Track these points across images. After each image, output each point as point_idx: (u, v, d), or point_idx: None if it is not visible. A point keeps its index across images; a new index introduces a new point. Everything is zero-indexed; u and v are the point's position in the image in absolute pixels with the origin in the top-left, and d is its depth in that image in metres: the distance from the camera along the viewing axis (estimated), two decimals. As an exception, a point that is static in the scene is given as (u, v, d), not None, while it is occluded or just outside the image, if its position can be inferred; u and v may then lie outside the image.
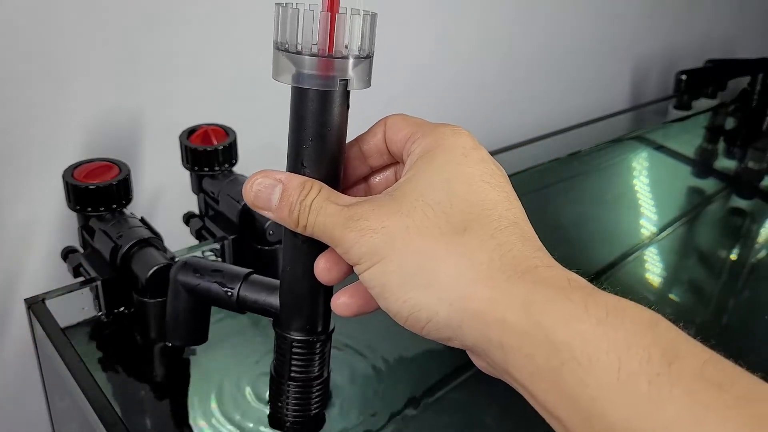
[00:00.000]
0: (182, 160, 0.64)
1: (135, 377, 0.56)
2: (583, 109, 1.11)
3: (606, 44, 1.12)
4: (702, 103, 1.17)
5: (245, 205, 0.62)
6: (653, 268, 0.78)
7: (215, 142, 0.63)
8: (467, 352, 0.32)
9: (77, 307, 0.58)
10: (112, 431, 0.47)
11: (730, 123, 1.16)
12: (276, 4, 0.32)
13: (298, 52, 0.32)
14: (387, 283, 0.31)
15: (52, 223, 0.68)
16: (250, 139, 0.69)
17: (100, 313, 0.59)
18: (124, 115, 0.69)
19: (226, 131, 0.64)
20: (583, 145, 1.02)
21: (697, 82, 1.14)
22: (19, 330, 0.69)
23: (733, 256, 0.82)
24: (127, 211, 0.59)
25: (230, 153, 0.63)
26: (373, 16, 0.33)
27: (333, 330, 0.41)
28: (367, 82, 0.34)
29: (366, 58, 0.33)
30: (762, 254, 0.83)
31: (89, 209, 0.57)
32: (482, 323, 0.29)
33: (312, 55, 0.32)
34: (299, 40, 0.32)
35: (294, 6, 0.32)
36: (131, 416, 0.51)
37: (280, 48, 0.32)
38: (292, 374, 0.40)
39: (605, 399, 0.25)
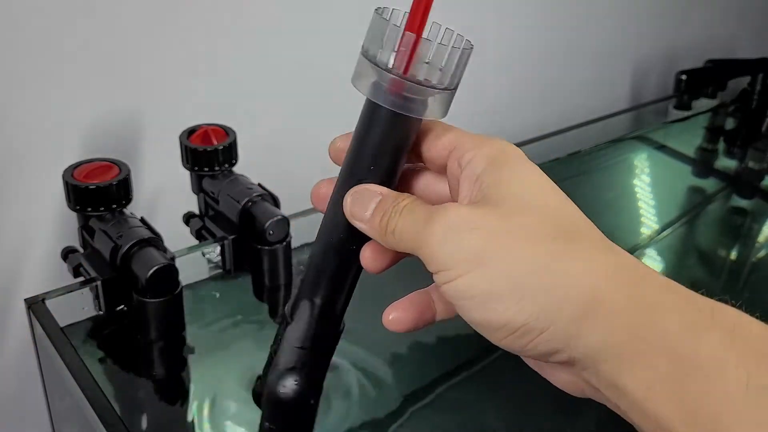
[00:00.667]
0: (182, 160, 0.64)
1: (135, 377, 0.56)
2: (583, 109, 1.11)
3: (606, 44, 1.12)
4: (702, 103, 1.17)
5: (245, 205, 0.62)
6: (653, 268, 0.78)
7: (215, 142, 0.63)
8: (542, 370, 0.31)
9: (77, 307, 0.58)
10: (112, 431, 0.47)
11: (730, 123, 1.16)
12: (375, 9, 0.31)
13: (377, 64, 0.30)
14: (493, 291, 0.27)
15: (52, 223, 0.68)
16: (250, 139, 0.69)
17: (100, 313, 0.59)
18: (124, 115, 0.69)
19: (226, 131, 0.64)
20: (583, 145, 1.02)
21: (697, 82, 1.14)
22: (19, 330, 0.69)
23: (733, 256, 0.82)
24: (127, 211, 0.59)
25: (230, 153, 0.63)
26: (467, 49, 0.31)
27: (344, 329, 0.39)
28: (443, 113, 0.32)
29: (447, 91, 0.31)
30: (762, 254, 0.83)
31: (89, 209, 0.57)
32: (608, 327, 0.27)
33: (389, 71, 0.30)
34: (381, 52, 0.30)
35: (386, 16, 0.30)
36: (131, 416, 0.51)
37: (364, 53, 0.31)
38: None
39: (731, 413, 0.24)
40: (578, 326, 0.27)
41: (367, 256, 0.34)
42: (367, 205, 0.32)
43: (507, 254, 0.28)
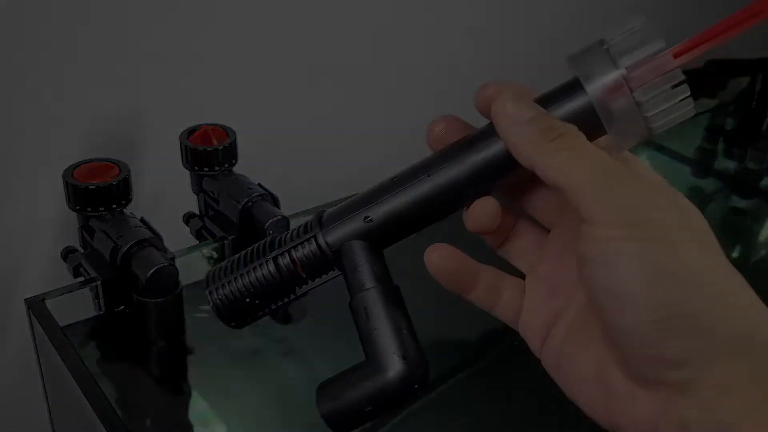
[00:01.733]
0: (182, 160, 0.64)
1: (135, 377, 0.56)
2: (583, 109, 1.11)
3: (606, 44, 1.12)
4: (702, 103, 1.17)
5: (245, 205, 0.62)
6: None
7: (215, 142, 0.63)
8: (614, 399, 0.28)
9: (77, 307, 0.58)
10: (112, 431, 0.47)
11: (730, 123, 1.16)
12: (642, 18, 0.29)
13: (614, 61, 0.28)
14: (693, 268, 0.25)
15: (52, 223, 0.68)
16: (250, 139, 0.69)
17: (100, 314, 0.59)
18: (124, 115, 0.69)
19: (226, 131, 0.64)
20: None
21: (697, 82, 1.14)
22: (19, 330, 0.69)
23: (733, 256, 0.82)
24: (127, 211, 0.59)
25: (230, 153, 0.63)
26: (687, 111, 0.29)
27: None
28: (618, 147, 0.29)
29: (644, 128, 0.28)
30: (762, 254, 0.83)
31: (89, 209, 0.57)
32: (762, 360, 0.25)
33: (616, 75, 0.28)
34: (627, 55, 0.28)
35: (648, 36, 0.28)
36: (131, 416, 0.51)
37: (605, 44, 0.29)
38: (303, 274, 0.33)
39: None
40: (733, 347, 0.25)
41: (491, 209, 0.30)
42: (527, 109, 0.28)
43: (690, 241, 0.26)
